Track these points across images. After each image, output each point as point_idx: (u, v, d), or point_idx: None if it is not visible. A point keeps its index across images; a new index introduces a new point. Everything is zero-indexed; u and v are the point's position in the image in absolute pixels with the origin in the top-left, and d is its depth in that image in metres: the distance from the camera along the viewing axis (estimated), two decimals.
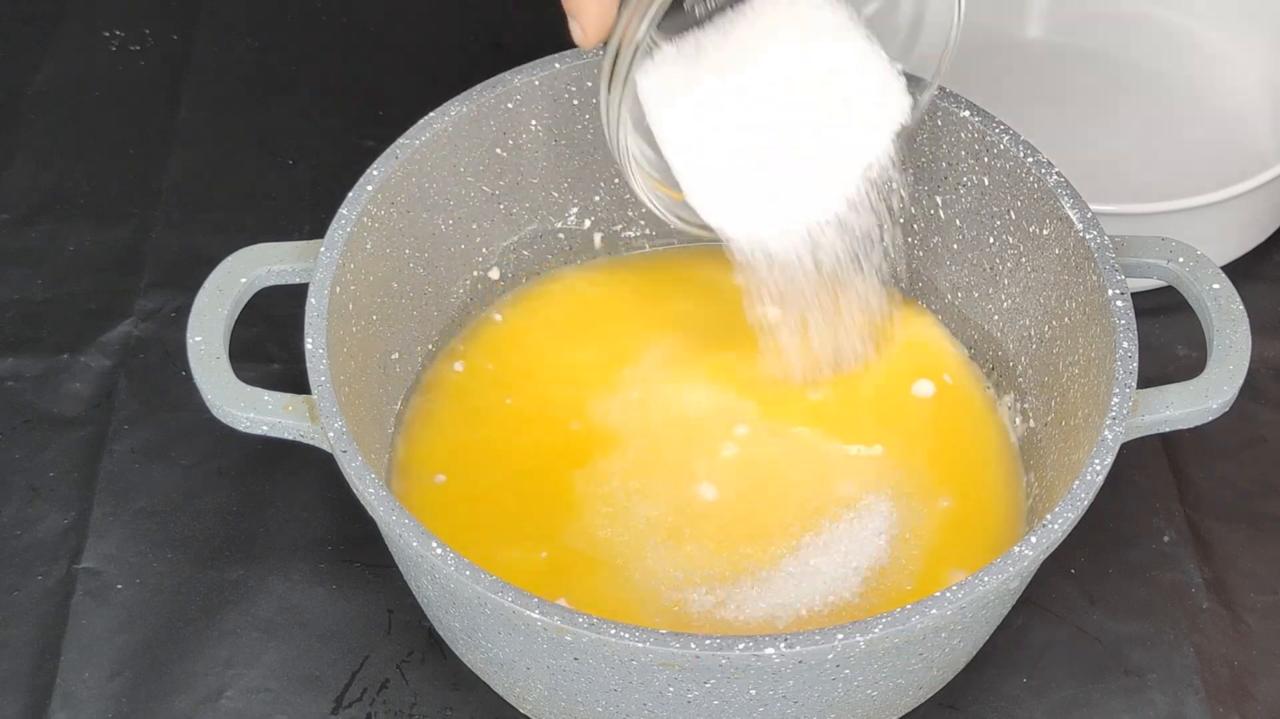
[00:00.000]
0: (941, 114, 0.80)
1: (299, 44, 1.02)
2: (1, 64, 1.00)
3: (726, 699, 0.68)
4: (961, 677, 0.76)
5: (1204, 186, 0.87)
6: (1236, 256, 0.92)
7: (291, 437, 0.72)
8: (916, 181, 0.82)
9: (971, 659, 0.75)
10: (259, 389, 0.72)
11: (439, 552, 0.66)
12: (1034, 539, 0.68)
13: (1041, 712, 0.77)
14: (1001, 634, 0.77)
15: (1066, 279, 0.77)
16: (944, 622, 0.66)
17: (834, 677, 0.67)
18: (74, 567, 0.80)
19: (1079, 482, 0.69)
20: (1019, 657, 0.78)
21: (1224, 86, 0.99)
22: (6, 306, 0.89)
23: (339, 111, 0.98)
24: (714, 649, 0.64)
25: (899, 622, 0.65)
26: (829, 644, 0.65)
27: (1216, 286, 0.75)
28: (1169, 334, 0.87)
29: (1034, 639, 0.79)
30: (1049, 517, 0.68)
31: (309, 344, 0.72)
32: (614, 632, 0.65)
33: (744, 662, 0.65)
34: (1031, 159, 0.78)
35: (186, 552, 0.80)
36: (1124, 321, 0.73)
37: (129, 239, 0.92)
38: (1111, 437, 0.70)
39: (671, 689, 0.67)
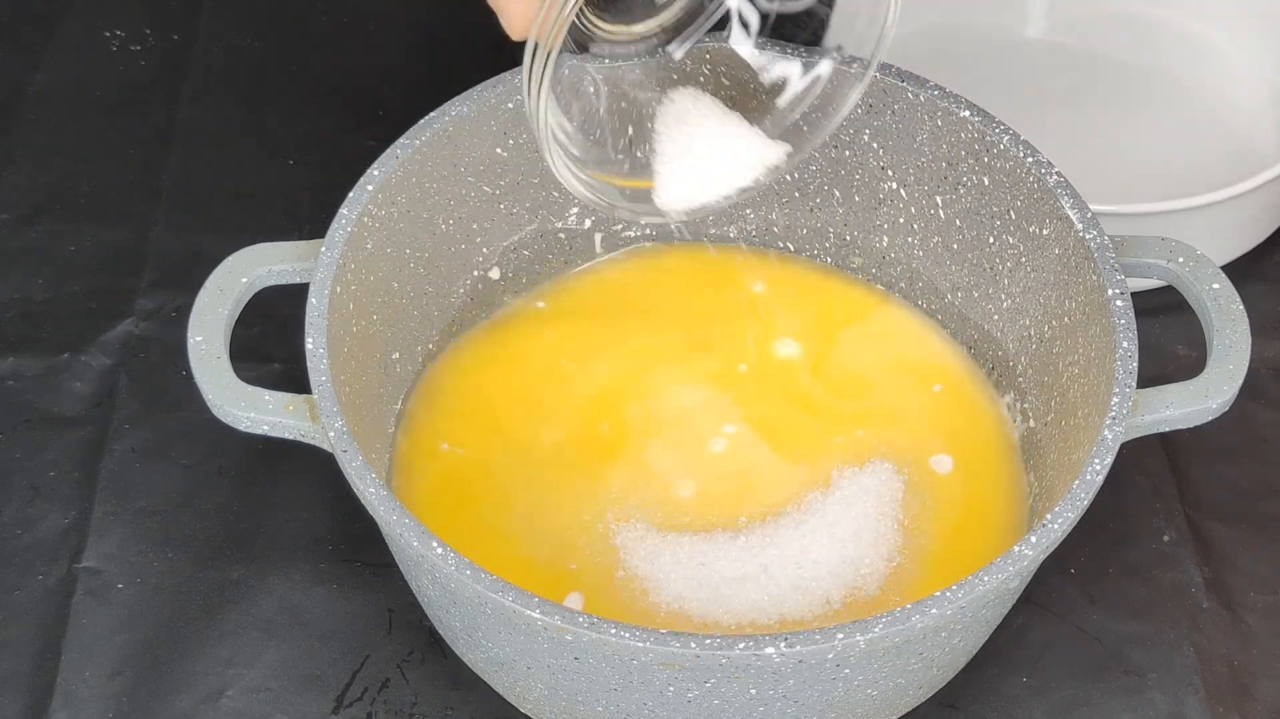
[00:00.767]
0: (941, 114, 0.80)
1: (299, 44, 1.02)
2: (1, 64, 1.00)
3: (727, 699, 0.68)
4: (961, 676, 0.76)
5: (1204, 186, 0.87)
6: (1236, 256, 0.92)
7: (292, 436, 0.72)
8: (916, 182, 0.82)
9: (971, 659, 0.75)
10: (259, 389, 0.72)
11: (439, 551, 0.66)
12: (1034, 539, 0.68)
13: (1041, 711, 0.77)
14: (1001, 634, 0.77)
15: (1066, 279, 0.77)
16: (944, 621, 0.66)
17: (834, 676, 0.67)
18: (74, 566, 0.80)
19: (1079, 481, 0.69)
20: (1019, 657, 0.78)
21: (1224, 86, 0.99)
22: (7, 306, 0.89)
23: (339, 111, 0.98)
24: (714, 649, 0.64)
25: (899, 621, 0.65)
26: (829, 644, 0.65)
27: (1216, 286, 0.75)
28: (1169, 334, 0.87)
29: (1034, 639, 0.79)
30: (1049, 516, 0.68)
31: (309, 344, 0.72)
32: (614, 631, 0.65)
33: (744, 661, 0.65)
34: (1031, 159, 0.78)
35: (187, 551, 0.80)
36: (1124, 321, 0.73)
37: (129, 239, 0.92)
38: (1111, 436, 0.70)
39: (672, 689, 0.67)
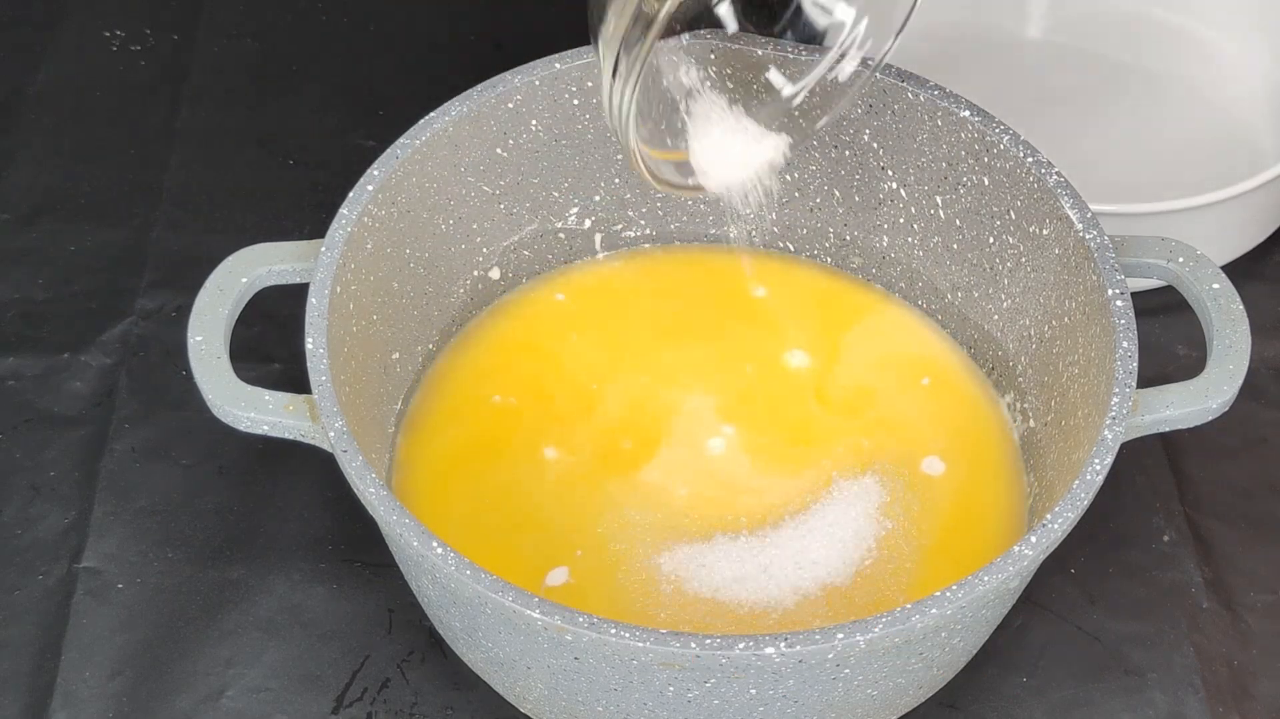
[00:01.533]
0: (941, 114, 0.80)
1: (299, 44, 1.02)
2: (1, 64, 1.00)
3: (727, 699, 0.68)
4: (961, 676, 0.76)
5: (1204, 186, 0.87)
6: (1236, 256, 0.92)
7: (292, 436, 0.72)
8: (916, 182, 0.82)
9: (971, 659, 0.75)
10: (259, 389, 0.72)
11: (439, 551, 0.66)
12: (1034, 539, 0.68)
13: (1041, 711, 0.77)
14: (1001, 634, 0.77)
15: (1066, 279, 0.77)
16: (944, 621, 0.66)
17: (834, 676, 0.67)
18: (74, 566, 0.80)
19: (1079, 481, 0.69)
20: (1019, 656, 0.78)
21: (1224, 86, 0.99)
22: (7, 306, 0.89)
23: (339, 111, 0.98)
24: (714, 649, 0.64)
25: (899, 621, 0.65)
26: (829, 644, 0.65)
27: (1216, 286, 0.75)
28: (1169, 334, 0.87)
29: (1034, 639, 0.79)
30: (1049, 516, 0.68)
31: (309, 344, 0.72)
32: (614, 631, 0.65)
33: (744, 661, 0.65)
34: (1031, 159, 0.78)
35: (187, 551, 0.80)
36: (1124, 321, 0.73)
37: (129, 239, 0.92)
38: (1111, 436, 0.70)
39: (672, 689, 0.67)
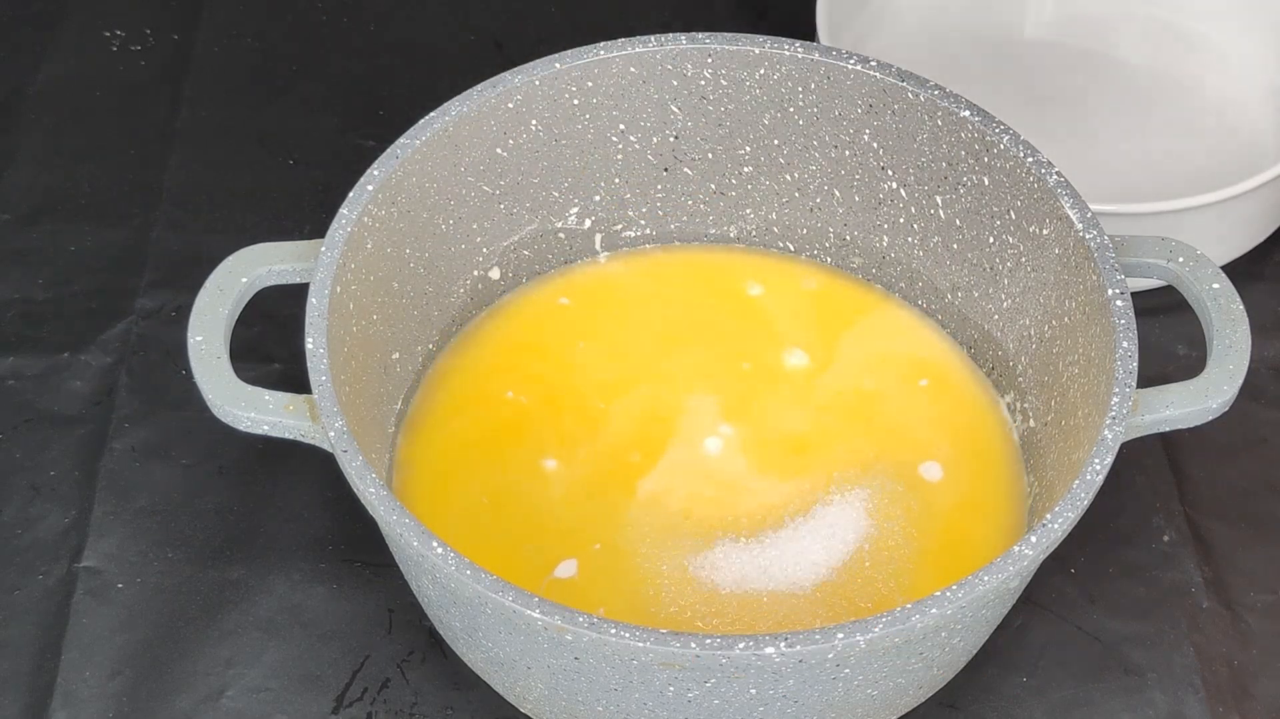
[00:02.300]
0: (941, 114, 0.80)
1: (299, 44, 1.02)
2: (1, 64, 1.00)
3: (727, 699, 0.68)
4: (961, 676, 0.76)
5: (1204, 186, 0.87)
6: (1236, 256, 0.92)
7: (292, 436, 0.72)
8: (916, 182, 0.82)
9: (971, 659, 0.75)
10: (259, 389, 0.72)
11: (439, 551, 0.66)
12: (1034, 539, 0.68)
13: (1041, 711, 0.77)
14: (1001, 634, 0.77)
15: (1066, 279, 0.77)
16: (944, 621, 0.66)
17: (834, 676, 0.67)
18: (74, 566, 0.80)
19: (1079, 481, 0.69)
20: (1019, 656, 0.78)
21: (1224, 86, 0.99)
22: (7, 306, 0.89)
23: (339, 111, 0.98)
24: (714, 649, 0.64)
25: (899, 621, 0.65)
26: (829, 644, 0.65)
27: (1216, 286, 0.75)
28: (1169, 334, 0.87)
29: (1034, 639, 0.79)
30: (1049, 516, 0.68)
31: (309, 344, 0.72)
32: (614, 631, 0.65)
33: (744, 661, 0.65)
34: (1031, 159, 0.78)
35: (187, 551, 0.80)
36: (1124, 321, 0.73)
37: (129, 239, 0.92)
38: (1111, 436, 0.70)
39: (672, 689, 0.67)
